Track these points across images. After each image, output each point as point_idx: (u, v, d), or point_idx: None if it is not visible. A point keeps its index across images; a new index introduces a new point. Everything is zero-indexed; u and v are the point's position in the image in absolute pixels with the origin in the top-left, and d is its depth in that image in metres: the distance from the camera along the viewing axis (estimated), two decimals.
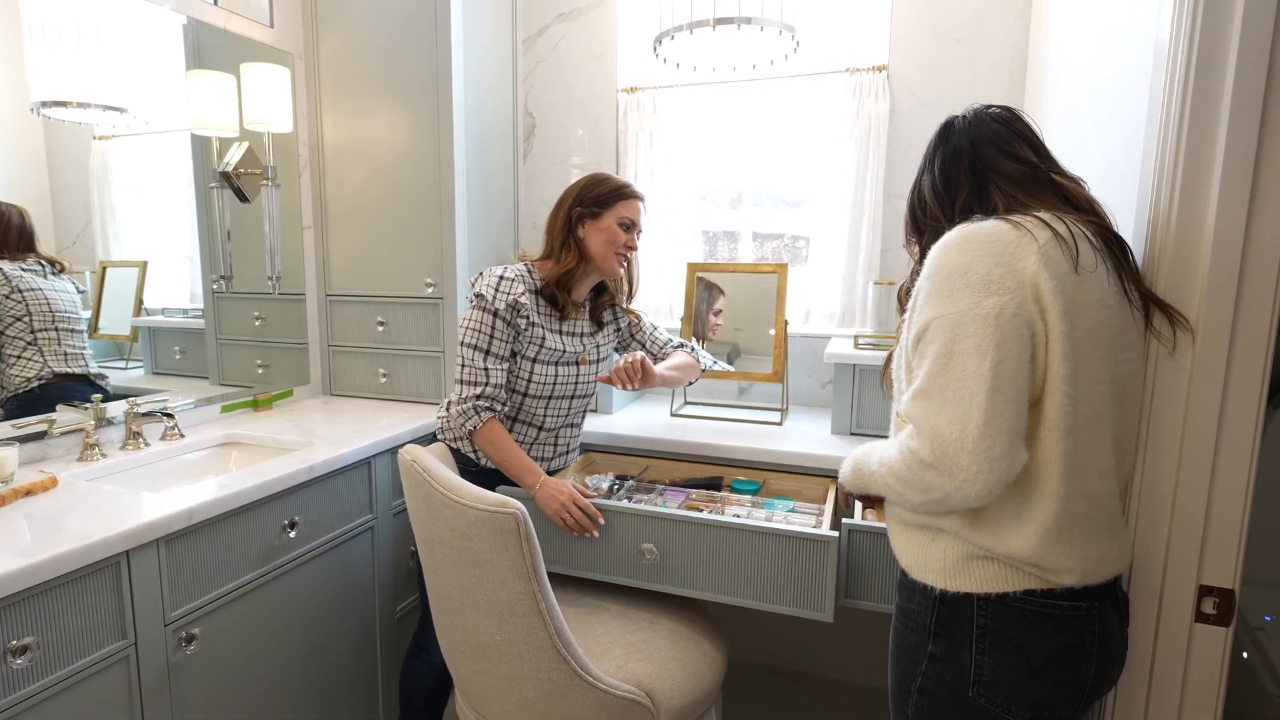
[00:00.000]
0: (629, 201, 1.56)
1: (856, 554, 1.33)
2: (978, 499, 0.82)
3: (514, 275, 1.51)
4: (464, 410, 1.47)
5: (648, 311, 2.39)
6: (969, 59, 1.95)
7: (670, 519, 1.38)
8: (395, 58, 2.03)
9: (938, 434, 0.82)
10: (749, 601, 1.35)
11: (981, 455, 0.79)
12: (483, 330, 1.48)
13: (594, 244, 1.54)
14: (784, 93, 2.18)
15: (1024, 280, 0.81)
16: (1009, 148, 0.97)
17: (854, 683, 2.15)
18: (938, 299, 0.85)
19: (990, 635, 0.88)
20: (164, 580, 1.25)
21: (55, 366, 1.62)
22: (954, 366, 0.82)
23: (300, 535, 1.53)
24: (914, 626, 0.96)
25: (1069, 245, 0.84)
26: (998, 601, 0.88)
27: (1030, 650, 0.87)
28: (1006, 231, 0.85)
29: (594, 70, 2.33)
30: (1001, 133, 0.98)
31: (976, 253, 0.84)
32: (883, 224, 2.08)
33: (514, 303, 1.47)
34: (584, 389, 1.64)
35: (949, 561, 0.91)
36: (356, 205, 2.16)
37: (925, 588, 0.94)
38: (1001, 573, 0.88)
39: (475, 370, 1.47)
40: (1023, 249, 0.83)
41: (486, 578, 1.12)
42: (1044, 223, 0.86)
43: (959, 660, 0.90)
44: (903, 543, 1.00)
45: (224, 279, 1.98)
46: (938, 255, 0.88)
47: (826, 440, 1.81)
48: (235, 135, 1.92)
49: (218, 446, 1.79)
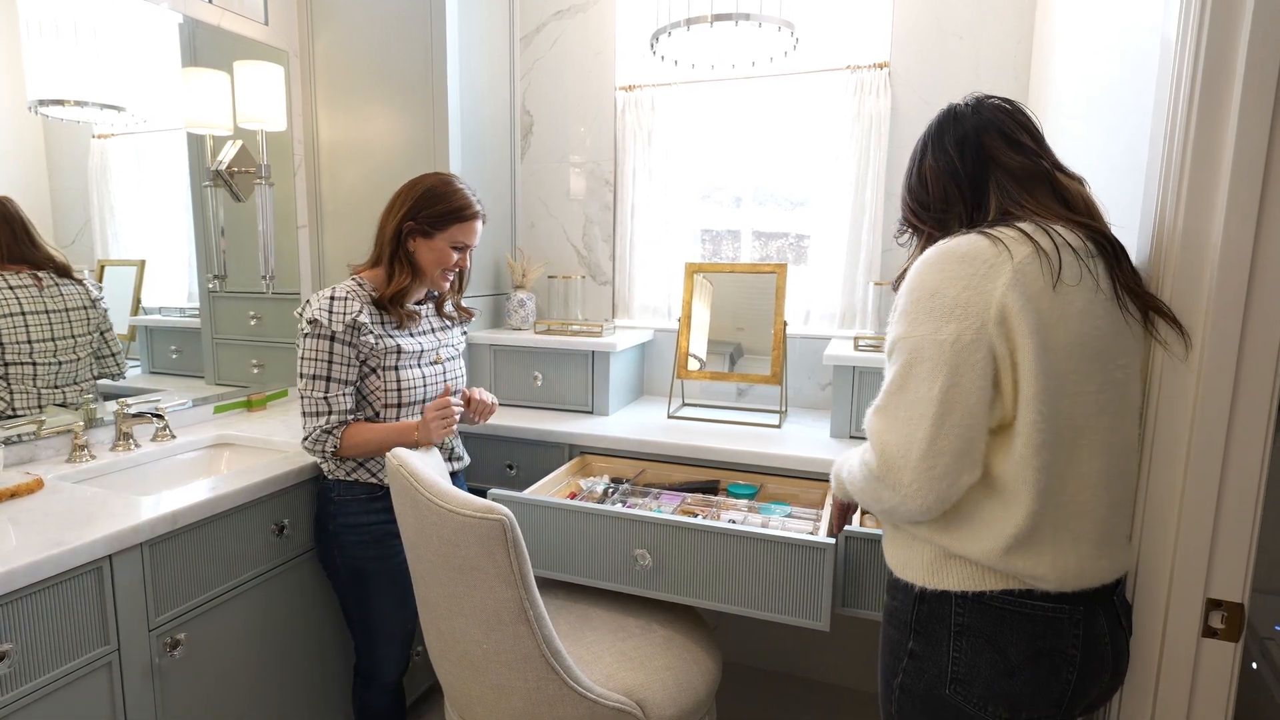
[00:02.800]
0: (465, 224, 1.46)
1: (854, 561, 1.30)
2: (920, 513, 0.87)
3: (345, 294, 1.41)
4: (315, 440, 1.39)
5: (646, 312, 2.37)
6: (971, 56, 1.91)
7: (663, 524, 1.35)
8: (391, 55, 2.01)
9: (886, 450, 0.87)
10: (744, 609, 1.32)
11: (923, 474, 0.84)
12: (320, 358, 1.39)
13: (422, 261, 1.45)
14: (784, 90, 2.15)
15: (990, 303, 0.82)
16: (1014, 137, 0.95)
17: (852, 688, 2.12)
18: (906, 319, 0.88)
19: (967, 633, 0.89)
20: (148, 585, 1.23)
21: (20, 406, 1.50)
22: (909, 388, 0.86)
23: (289, 538, 1.51)
24: (897, 624, 0.97)
25: (1049, 260, 0.84)
26: (975, 600, 0.88)
27: (1007, 649, 0.87)
28: (983, 250, 0.84)
29: (592, 68, 2.31)
30: (1005, 121, 0.96)
31: (947, 275, 0.85)
32: (884, 223, 2.05)
33: (352, 323, 1.39)
34: (455, 384, 1.58)
35: (927, 560, 0.93)
36: (352, 204, 2.14)
37: (907, 585, 0.95)
38: (978, 572, 0.88)
39: (316, 400, 1.39)
40: (995, 269, 0.83)
41: (474, 585, 1.10)
42: (1025, 236, 0.85)
43: (937, 658, 0.91)
44: (888, 542, 1.02)
45: (218, 278, 1.97)
46: (916, 273, 0.89)
47: (826, 444, 1.78)
48: (229, 134, 1.91)
49: (209, 447, 1.77)
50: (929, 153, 0.99)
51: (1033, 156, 0.93)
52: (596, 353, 2.04)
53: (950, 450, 0.83)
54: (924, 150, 1.00)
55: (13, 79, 1.51)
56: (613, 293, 2.40)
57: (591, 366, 2.05)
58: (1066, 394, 0.84)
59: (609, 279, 2.39)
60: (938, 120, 1.00)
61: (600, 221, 2.38)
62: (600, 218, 2.38)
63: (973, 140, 0.95)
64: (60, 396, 1.59)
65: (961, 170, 0.95)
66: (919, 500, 0.85)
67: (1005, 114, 0.97)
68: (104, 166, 1.72)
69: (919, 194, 1.00)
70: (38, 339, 1.53)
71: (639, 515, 1.37)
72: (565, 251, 2.43)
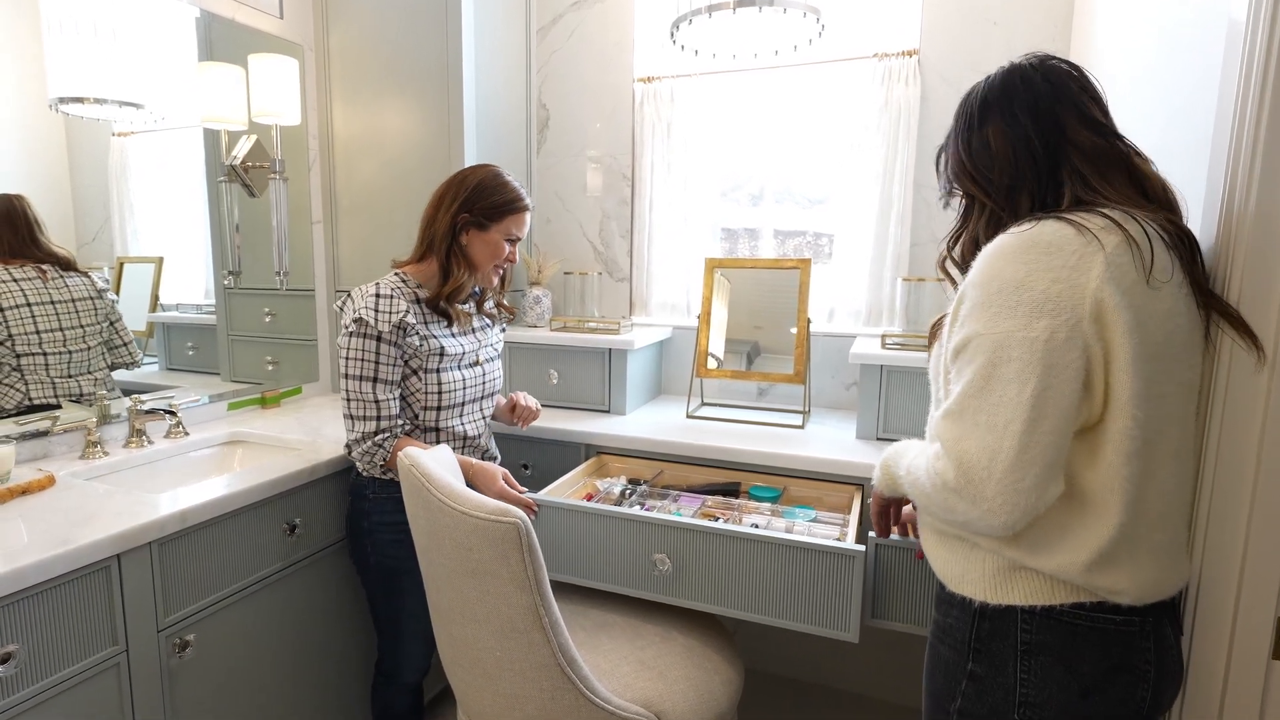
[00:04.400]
0: (519, 216, 1.44)
1: (884, 570, 1.24)
2: (1001, 530, 0.77)
3: (390, 290, 1.37)
4: (367, 451, 1.37)
5: (664, 309, 2.32)
6: (1005, 42, 1.84)
7: (684, 528, 1.30)
8: (406, 48, 1.98)
9: (964, 459, 0.77)
10: (767, 618, 1.27)
11: (1009, 487, 0.75)
12: (366, 358, 1.35)
13: (475, 255, 1.43)
14: (807, 80, 2.08)
15: (1084, 296, 0.74)
16: (1088, 112, 0.86)
17: (880, 698, 2.05)
18: (983, 314, 0.78)
19: (1036, 652, 0.82)
20: (157, 585, 1.21)
21: (37, 396, 1.51)
22: (992, 390, 0.76)
23: (301, 538, 1.48)
24: (952, 642, 0.89)
25: (1142, 251, 0.76)
26: (1043, 615, 0.81)
27: (1080, 668, 0.80)
28: (1069, 238, 0.76)
29: (610, 60, 2.26)
30: (1077, 92, 0.86)
31: (1033, 266, 0.76)
32: (912, 218, 1.98)
33: (399, 323, 1.36)
34: (491, 385, 1.56)
35: (989, 572, 0.85)
36: (366, 199, 2.11)
37: (964, 600, 0.87)
38: (1047, 584, 0.81)
39: (365, 404, 1.36)
40: (1086, 260, 0.75)
41: (487, 590, 1.06)
42: (1114, 224, 0.77)
43: (1002, 680, 0.83)
44: (939, 553, 0.93)
45: (234, 274, 1.95)
46: (990, 263, 0.80)
47: (851, 445, 1.71)
48: (244, 128, 1.89)
49: (222, 445, 1.75)
50: (996, 116, 0.87)
51: (1109, 136, 0.85)
52: (614, 350, 1.99)
53: (1042, 460, 0.74)
54: (985, 111, 0.88)
55: (35, 77, 1.50)
56: (630, 289, 2.35)
57: (609, 365, 2.00)
58: (1153, 397, 0.77)
59: (626, 275, 2.35)
60: (1001, 81, 0.89)
61: (618, 217, 2.33)
62: (618, 213, 2.33)
63: (1047, 112, 0.85)
64: (75, 387, 1.58)
65: (1037, 143, 0.85)
66: (1003, 516, 0.75)
67: (1074, 81, 0.87)
68: (123, 164, 1.72)
69: (981, 161, 0.88)
70: (45, 329, 1.52)
71: (658, 519, 1.33)
72: (582, 247, 2.38)
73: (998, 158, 0.87)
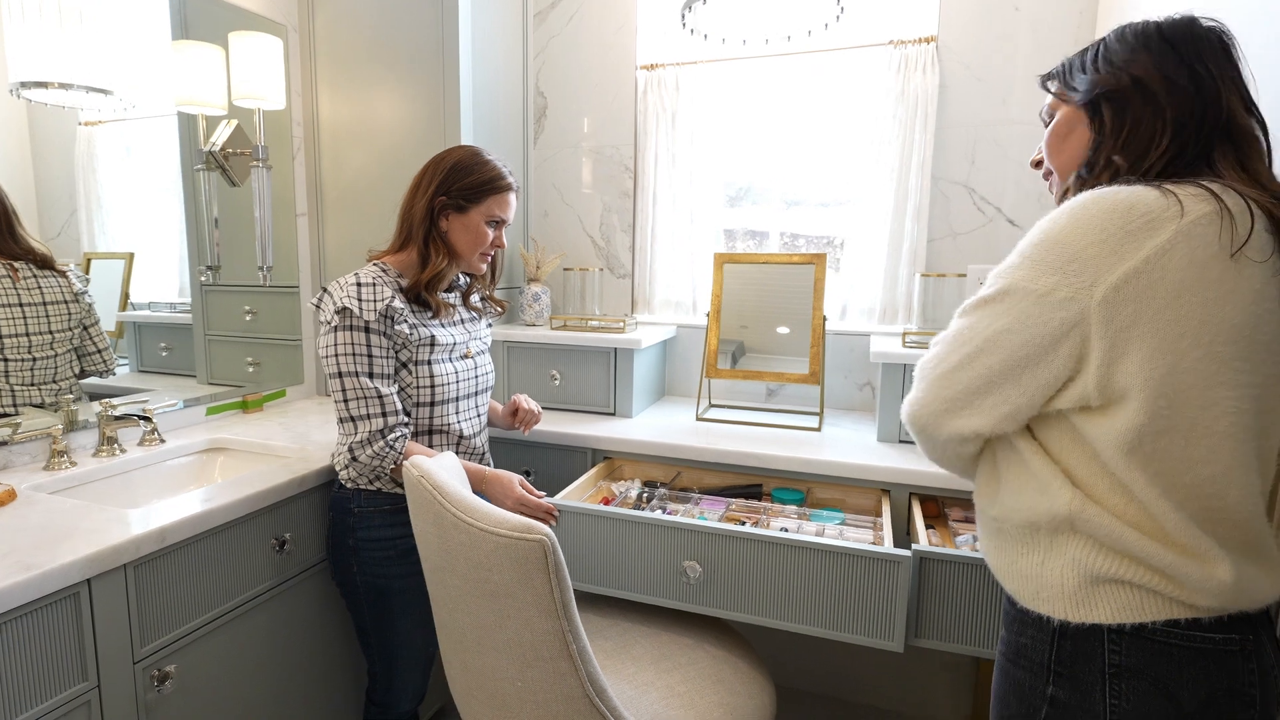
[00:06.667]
0: (501, 196, 1.35)
1: (926, 585, 1.16)
2: (910, 418, 0.87)
3: (371, 279, 1.27)
4: (377, 452, 1.25)
5: (667, 307, 2.23)
6: (1029, 27, 1.77)
7: (717, 533, 1.22)
8: (397, 31, 1.87)
9: (928, 355, 0.87)
10: (807, 628, 1.19)
11: (933, 386, 0.84)
12: (358, 352, 1.24)
13: (457, 241, 1.34)
14: (819, 69, 2.01)
15: (1117, 265, 0.71)
16: (1249, 97, 0.78)
17: (914, 715, 1.98)
18: (1019, 263, 0.78)
19: (1127, 675, 0.74)
20: (132, 612, 1.09)
21: None
22: (975, 313, 0.82)
23: (291, 554, 1.37)
24: (1028, 664, 0.81)
25: (1237, 223, 0.70)
26: (1134, 634, 0.74)
27: (1179, 693, 0.73)
28: (1148, 202, 0.71)
29: (611, 45, 2.16)
30: (1238, 72, 0.79)
31: (1084, 225, 0.73)
32: (929, 212, 1.91)
33: (386, 310, 1.25)
34: (485, 380, 1.46)
35: (1070, 586, 0.77)
36: (355, 190, 1.99)
37: (1041, 618, 0.80)
38: (1138, 599, 0.74)
39: (367, 400, 1.24)
40: (1152, 227, 0.70)
41: (508, 615, 0.96)
42: (1211, 194, 0.70)
43: (1089, 706, 0.76)
44: (1006, 565, 0.85)
45: (211, 270, 1.82)
46: (1049, 219, 0.77)
47: (874, 448, 1.63)
48: (223, 113, 1.76)
49: (202, 452, 1.62)
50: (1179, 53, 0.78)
51: (1258, 123, 0.78)
52: (619, 350, 1.89)
53: (964, 384, 0.81)
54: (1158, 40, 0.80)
55: None
56: (632, 286, 2.26)
57: (614, 365, 1.90)
58: (1226, 383, 0.70)
59: (628, 272, 2.25)
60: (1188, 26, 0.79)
61: (619, 210, 2.23)
62: (619, 206, 2.23)
63: (1223, 82, 0.77)
64: (37, 395, 1.44)
65: (1221, 106, 0.76)
66: (920, 407, 0.85)
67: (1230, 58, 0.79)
68: (91, 155, 1.59)
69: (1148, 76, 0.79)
70: (9, 334, 1.38)
71: (689, 523, 1.24)
72: (581, 242, 2.28)
73: (1185, 92, 0.78)
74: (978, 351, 0.80)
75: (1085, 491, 0.77)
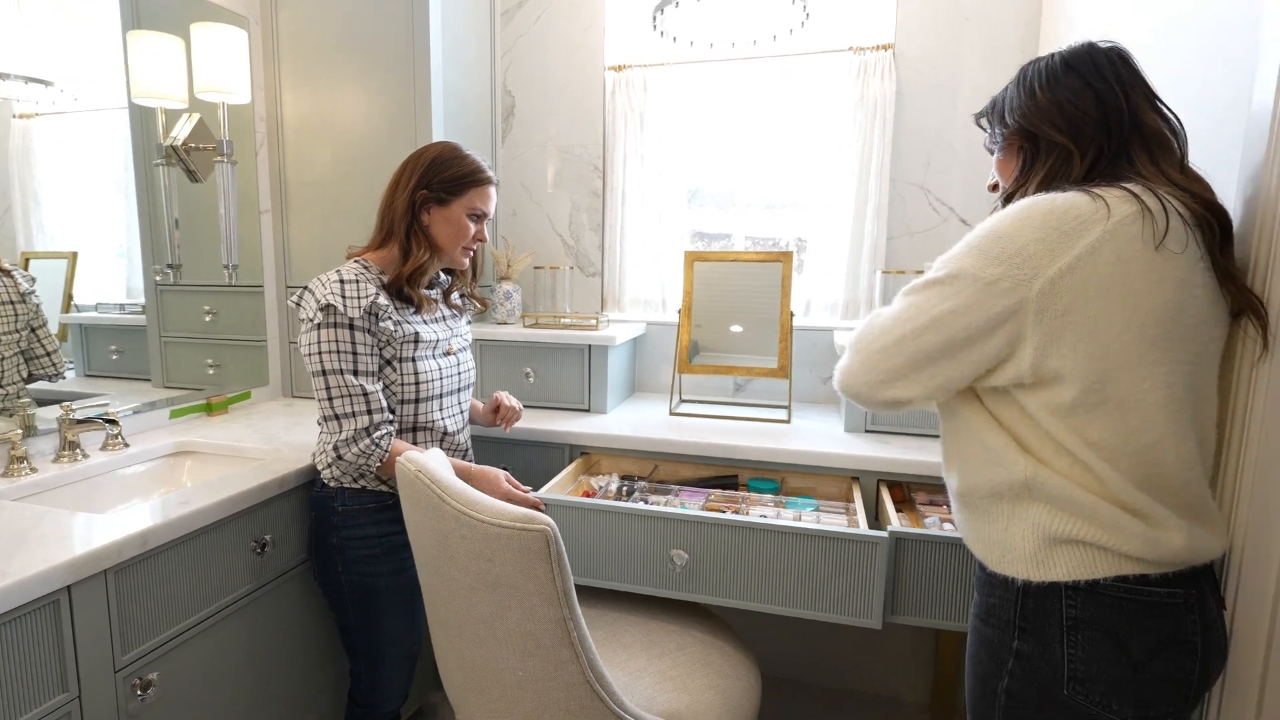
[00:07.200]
0: (482, 189, 1.35)
1: (901, 564, 1.23)
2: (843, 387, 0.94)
3: (354, 276, 1.26)
4: (363, 450, 1.24)
5: (637, 304, 2.26)
6: (982, 36, 1.87)
7: (703, 521, 1.26)
8: (363, 26, 1.84)
9: (865, 327, 0.93)
10: (790, 609, 1.24)
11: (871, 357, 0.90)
12: (343, 349, 1.23)
13: (438, 235, 1.33)
14: (784, 73, 2.07)
15: (1055, 260, 0.79)
16: (1153, 96, 0.88)
17: (887, 695, 2.07)
18: (963, 251, 0.86)
19: (1082, 627, 0.82)
20: (113, 618, 1.06)
21: None
22: (923, 293, 0.88)
23: (270, 556, 1.35)
24: (996, 622, 0.89)
25: (1155, 221, 0.79)
26: (1088, 590, 0.82)
27: (1129, 642, 0.81)
28: (1079, 205, 0.80)
29: (579, 46, 2.18)
30: (1143, 78, 0.89)
31: (1026, 223, 0.81)
32: (889, 212, 2.00)
33: (371, 307, 1.24)
34: (467, 377, 1.47)
35: (1030, 548, 0.86)
36: (321, 187, 1.95)
37: (1007, 580, 0.88)
38: (1090, 556, 0.82)
39: (352, 398, 1.23)
40: (1084, 227, 0.79)
41: (510, 605, 0.97)
42: (1131, 195, 0.80)
43: (1049, 656, 0.84)
44: (976, 533, 0.94)
45: (171, 268, 1.76)
46: (996, 217, 0.85)
47: (841, 438, 1.71)
48: (184, 106, 1.70)
49: (168, 456, 1.57)
50: (1081, 76, 0.88)
51: (1169, 123, 0.88)
52: (594, 347, 1.92)
53: (905, 357, 0.87)
54: (1070, 73, 0.89)
55: None
56: (601, 285, 2.28)
57: (589, 362, 1.93)
58: (1159, 361, 0.79)
59: (598, 270, 2.27)
60: (1087, 51, 0.90)
61: (588, 209, 2.26)
62: (588, 205, 2.25)
63: (1131, 86, 0.87)
64: None
65: (1126, 113, 0.86)
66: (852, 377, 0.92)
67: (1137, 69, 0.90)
68: (26, 149, 1.52)
69: (1073, 112, 0.88)
70: None
71: (676, 513, 1.28)
72: (550, 241, 2.30)
73: (1089, 113, 0.88)
74: (923, 329, 0.86)
75: (1036, 457, 0.85)
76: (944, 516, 1.38)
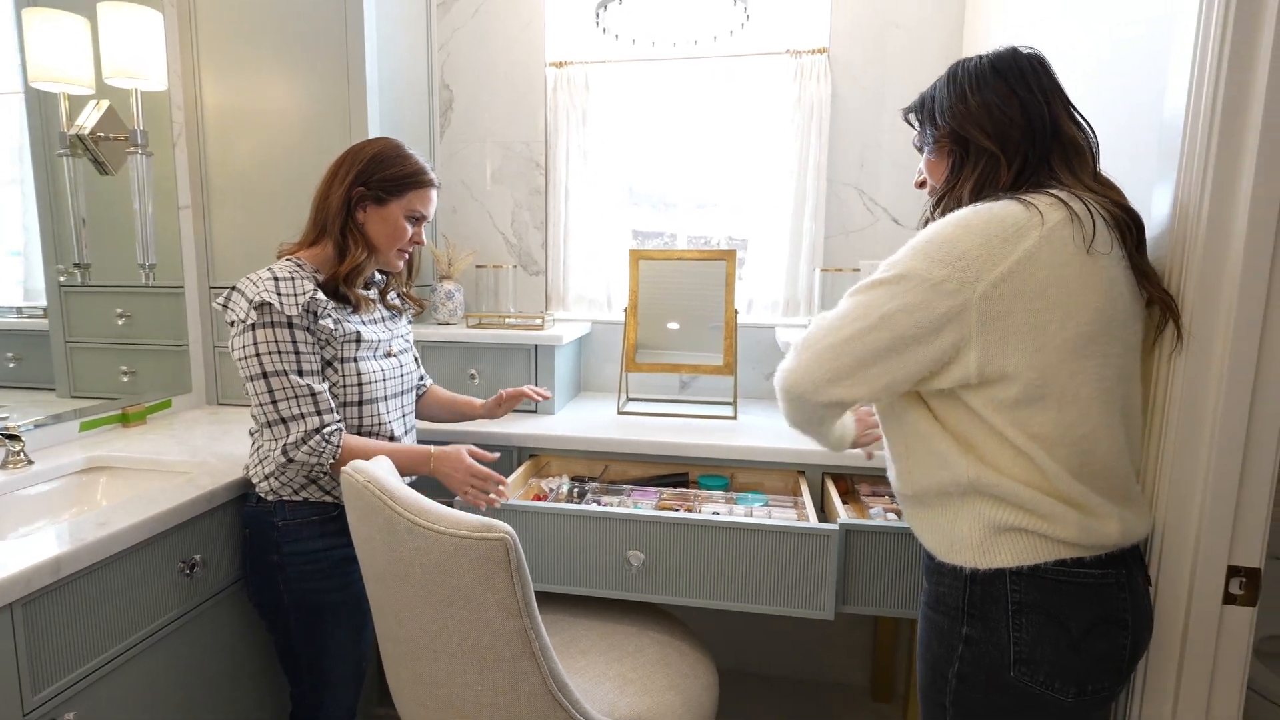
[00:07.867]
0: (423, 191, 1.30)
1: (851, 555, 1.26)
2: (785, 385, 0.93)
3: (289, 274, 1.20)
4: (314, 448, 1.17)
5: (581, 303, 2.24)
6: (911, 44, 1.94)
7: (661, 521, 1.26)
8: (289, 11, 1.75)
9: (812, 329, 0.94)
10: (745, 605, 1.25)
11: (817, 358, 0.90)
12: (284, 349, 1.16)
13: (374, 235, 1.27)
14: (724, 73, 2.09)
15: (997, 264, 0.82)
16: (1071, 107, 0.93)
17: (838, 682, 2.12)
18: (907, 255, 0.88)
19: (1026, 610, 0.87)
20: (20, 655, 0.96)
21: None
22: (870, 293, 0.89)
23: (199, 577, 1.26)
24: (945, 610, 0.93)
25: (1084, 225, 0.84)
26: (1030, 574, 0.87)
27: (1068, 622, 0.86)
28: (1014, 213, 0.85)
29: (518, 41, 2.14)
30: (1058, 85, 0.93)
31: (967, 228, 0.85)
32: (826, 211, 2.05)
33: (309, 304, 1.18)
34: (409, 380, 1.42)
35: (976, 538, 0.90)
36: (245, 181, 1.85)
37: (955, 569, 0.92)
38: (1032, 544, 0.87)
39: (299, 399, 1.17)
40: (1021, 234, 0.83)
41: (465, 619, 0.94)
42: (1060, 202, 0.85)
43: (996, 640, 0.88)
44: (925, 525, 0.97)
45: (78, 268, 1.62)
46: (938, 224, 0.88)
47: (786, 433, 1.69)
48: (91, 92, 1.57)
49: (80, 473, 1.45)
50: (1013, 84, 0.92)
51: (1085, 132, 0.93)
52: (540, 347, 1.89)
53: (850, 356, 0.88)
54: (997, 77, 0.93)
55: None
56: (545, 283, 2.25)
57: (534, 362, 1.90)
58: (1092, 355, 0.84)
59: (541, 269, 2.24)
60: (1011, 56, 0.94)
61: (531, 207, 2.22)
62: (530, 203, 2.22)
63: (1053, 95, 0.92)
64: None
65: (1048, 120, 0.91)
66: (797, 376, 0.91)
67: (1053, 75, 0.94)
68: None
69: (999, 117, 0.91)
70: None
71: (633, 514, 1.27)
72: (492, 239, 2.25)
73: (1015, 120, 0.91)
74: (870, 327, 0.87)
75: (979, 457, 0.89)
76: (888, 507, 1.42)
